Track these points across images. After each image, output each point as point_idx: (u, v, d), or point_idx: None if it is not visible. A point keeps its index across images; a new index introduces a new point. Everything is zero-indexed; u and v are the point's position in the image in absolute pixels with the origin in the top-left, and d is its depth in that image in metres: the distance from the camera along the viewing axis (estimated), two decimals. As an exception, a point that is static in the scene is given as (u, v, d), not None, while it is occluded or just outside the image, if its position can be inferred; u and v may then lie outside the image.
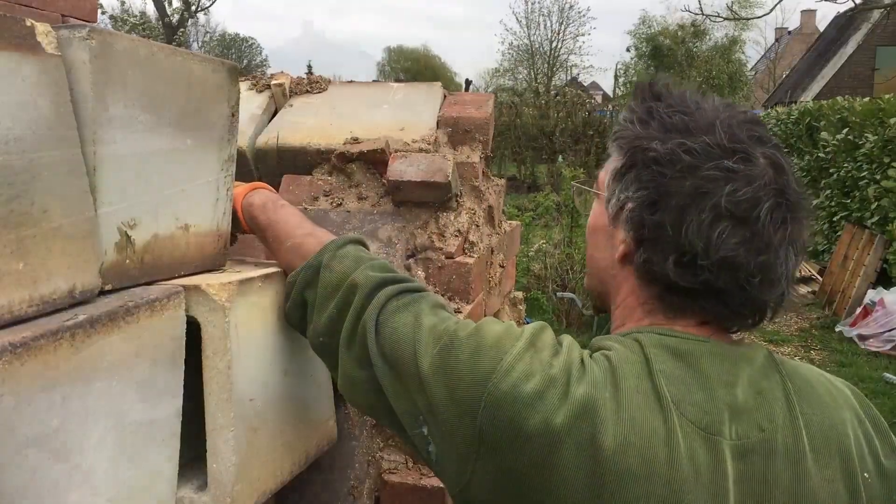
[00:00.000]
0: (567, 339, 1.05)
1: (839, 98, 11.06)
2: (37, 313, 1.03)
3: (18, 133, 1.00)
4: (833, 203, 10.03)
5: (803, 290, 9.68)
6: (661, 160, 1.00)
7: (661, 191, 0.99)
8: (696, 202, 0.96)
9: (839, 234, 9.49)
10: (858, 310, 8.02)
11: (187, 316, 1.27)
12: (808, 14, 44.38)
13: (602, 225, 1.14)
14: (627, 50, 38.53)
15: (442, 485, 1.71)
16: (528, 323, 1.18)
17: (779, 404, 0.99)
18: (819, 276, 9.74)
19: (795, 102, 15.83)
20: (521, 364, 0.97)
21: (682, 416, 0.93)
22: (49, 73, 1.06)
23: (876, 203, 8.60)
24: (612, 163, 1.11)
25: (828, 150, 10.23)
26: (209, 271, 1.44)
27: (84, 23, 1.56)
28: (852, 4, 13.37)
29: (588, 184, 1.28)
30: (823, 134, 10.47)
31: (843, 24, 27.97)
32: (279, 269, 1.47)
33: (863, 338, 7.67)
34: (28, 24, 1.04)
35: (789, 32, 47.32)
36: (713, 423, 0.94)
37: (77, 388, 1.02)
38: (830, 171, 10.16)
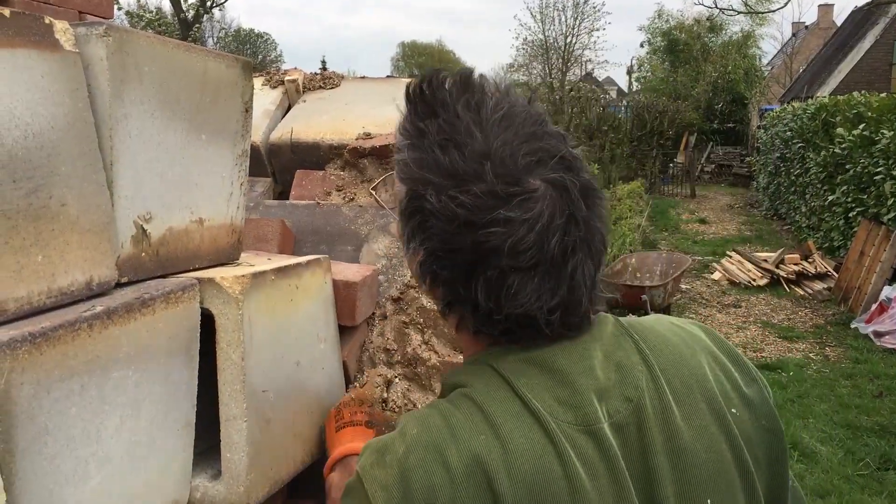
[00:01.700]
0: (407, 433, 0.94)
1: (856, 93, 10.97)
2: (55, 304, 1.05)
3: (37, 128, 1.03)
4: (849, 199, 9.96)
5: (819, 286, 9.63)
6: (438, 215, 0.92)
7: (446, 247, 0.93)
8: (480, 258, 0.91)
9: (855, 230, 9.42)
10: (874, 306, 7.96)
11: (202, 308, 1.29)
12: (825, 8, 43.99)
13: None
14: (641, 45, 38.35)
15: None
16: None
17: (638, 369, 0.98)
18: (835, 273, 9.68)
19: (812, 98, 15.72)
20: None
21: (558, 422, 0.91)
22: (67, 69, 1.08)
23: (892, 199, 8.53)
24: (399, 191, 1.01)
25: (844, 145, 10.16)
26: (223, 264, 1.46)
27: (101, 20, 1.59)
28: (870, -1, 13.22)
29: (387, 200, 1.17)
30: (839, 129, 10.39)
31: (861, 19, 27.73)
32: (292, 263, 1.49)
33: (878, 334, 7.62)
34: (47, 21, 1.06)
35: (806, 27, 46.92)
36: (587, 415, 0.93)
37: (95, 378, 1.05)
38: (846, 166, 10.08)
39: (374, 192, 1.22)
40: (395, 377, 1.88)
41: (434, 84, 0.98)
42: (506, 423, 0.90)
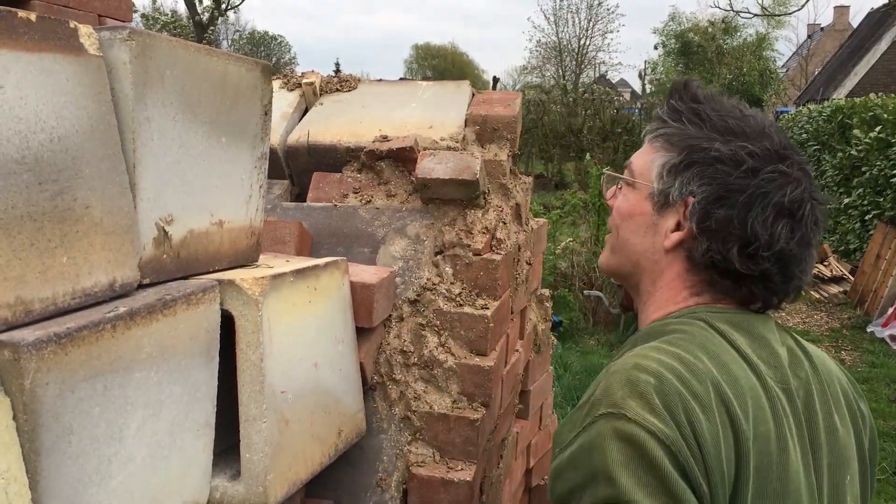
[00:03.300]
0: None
1: (872, 95, 10.90)
2: (79, 305, 1.07)
3: (62, 132, 1.04)
4: (865, 202, 9.90)
5: (834, 289, 9.56)
6: (725, 160, 1.11)
7: (727, 188, 1.10)
8: (759, 200, 1.09)
9: (871, 233, 9.36)
10: (890, 310, 7.90)
11: (222, 309, 1.30)
12: (841, 10, 43.71)
13: (641, 212, 1.21)
14: (655, 48, 38.24)
15: (469, 478, 1.74)
16: (555, 321, 1.23)
17: (802, 357, 1.16)
18: (851, 276, 9.62)
19: (828, 100, 15.61)
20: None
21: (766, 375, 1.07)
22: (91, 73, 1.10)
23: (909, 202, 8.49)
24: (660, 157, 1.18)
25: (860, 148, 10.10)
26: (242, 266, 1.47)
27: (122, 24, 1.60)
28: (886, 0, 13.14)
29: (619, 173, 1.34)
30: (856, 131, 10.33)
31: (877, 21, 27.52)
32: (310, 265, 1.50)
33: (895, 339, 7.56)
34: (72, 25, 1.08)
35: (822, 29, 46.65)
36: (784, 375, 1.10)
37: (118, 378, 1.06)
38: (862, 169, 10.02)
39: (608, 172, 1.38)
40: None
41: (696, 83, 1.22)
42: (732, 363, 1.06)
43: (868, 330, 8.01)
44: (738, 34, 32.58)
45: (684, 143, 1.15)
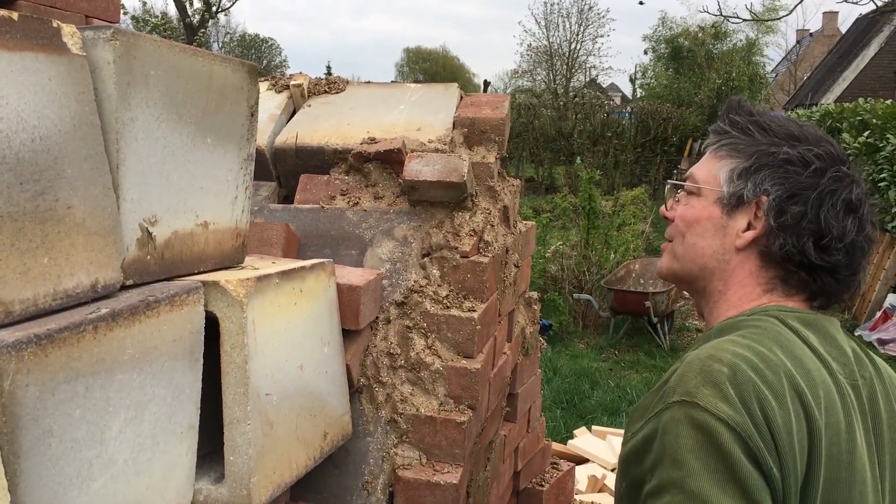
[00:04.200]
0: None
1: (861, 100, 10.96)
2: (60, 306, 1.06)
3: (44, 131, 1.03)
4: (853, 206, 9.94)
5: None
6: (794, 161, 1.20)
7: (799, 186, 1.19)
8: (828, 197, 1.18)
9: (859, 237, 9.40)
10: (878, 314, 7.95)
11: (206, 311, 1.29)
12: (830, 16, 43.92)
13: (709, 216, 1.28)
14: (645, 52, 38.29)
15: (455, 481, 1.73)
16: (544, 325, 1.25)
17: (867, 361, 1.21)
18: (838, 280, 9.66)
19: (817, 105, 15.70)
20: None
21: (837, 371, 1.13)
22: (74, 73, 1.09)
23: (897, 206, 8.53)
24: (728, 164, 1.27)
25: (849, 152, 10.14)
26: (228, 268, 1.46)
27: (108, 24, 1.59)
28: (874, 6, 13.25)
29: (680, 182, 1.41)
30: (845, 135, 10.38)
31: (866, 27, 27.69)
32: (296, 267, 1.49)
33: (882, 342, 7.60)
34: (55, 25, 1.07)
35: (811, 34, 46.88)
36: (852, 371, 1.16)
37: (99, 380, 1.05)
38: (851, 174, 10.06)
39: (672, 182, 1.45)
40: None
41: (745, 101, 1.33)
42: (804, 357, 1.11)
43: (856, 334, 8.05)
44: (728, 39, 32.69)
45: (752, 150, 1.24)
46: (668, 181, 1.45)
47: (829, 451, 1.05)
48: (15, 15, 1.01)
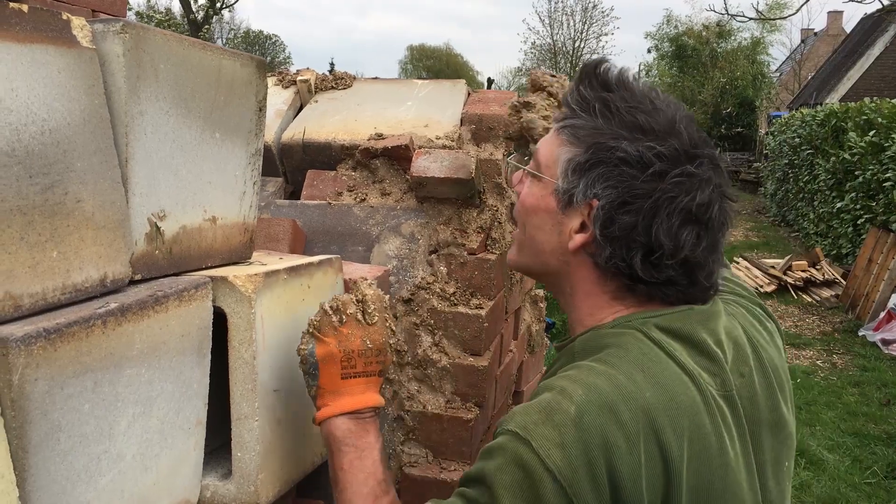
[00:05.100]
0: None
1: (866, 100, 10.94)
2: (70, 301, 1.05)
3: (54, 124, 1.03)
4: (858, 206, 9.93)
5: (827, 293, 9.59)
6: (631, 162, 1.05)
7: (632, 193, 1.05)
8: (664, 206, 1.03)
9: (863, 237, 9.38)
10: (882, 314, 7.93)
11: (214, 307, 1.29)
12: (835, 15, 43.85)
13: (546, 208, 1.15)
14: (648, 51, 38.23)
15: (462, 479, 1.73)
16: (548, 323, 1.22)
17: (748, 349, 1.13)
18: (843, 280, 9.64)
19: (821, 104, 15.67)
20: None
21: (707, 385, 1.03)
22: (84, 66, 1.08)
23: (901, 206, 8.51)
24: (566, 152, 1.12)
25: (854, 152, 10.12)
26: (235, 263, 1.46)
27: (116, 17, 1.58)
28: (880, 5, 13.21)
29: (523, 163, 1.30)
30: (851, 134, 10.35)
31: (871, 26, 27.63)
32: (304, 263, 1.49)
33: (886, 342, 7.58)
34: (64, 17, 1.06)
35: (815, 34, 46.82)
36: (725, 381, 1.06)
37: (108, 375, 1.05)
38: (856, 173, 10.05)
39: (512, 161, 1.33)
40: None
41: (606, 67, 1.15)
42: (669, 380, 1.01)
43: (860, 334, 8.03)
44: (733, 38, 32.64)
45: (591, 140, 1.09)
46: (509, 160, 1.33)
47: (695, 485, 0.98)
48: (25, 7, 1.00)
